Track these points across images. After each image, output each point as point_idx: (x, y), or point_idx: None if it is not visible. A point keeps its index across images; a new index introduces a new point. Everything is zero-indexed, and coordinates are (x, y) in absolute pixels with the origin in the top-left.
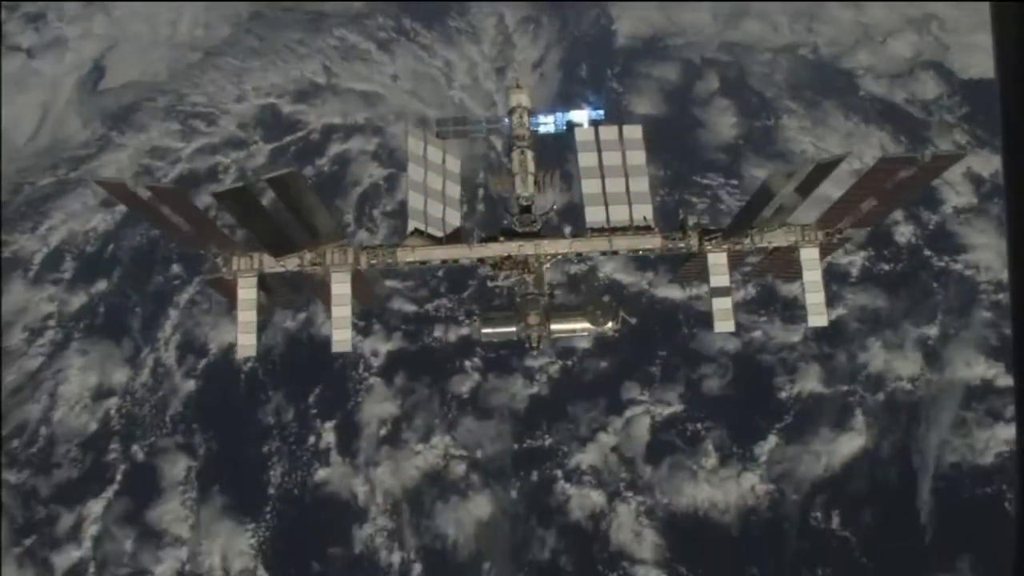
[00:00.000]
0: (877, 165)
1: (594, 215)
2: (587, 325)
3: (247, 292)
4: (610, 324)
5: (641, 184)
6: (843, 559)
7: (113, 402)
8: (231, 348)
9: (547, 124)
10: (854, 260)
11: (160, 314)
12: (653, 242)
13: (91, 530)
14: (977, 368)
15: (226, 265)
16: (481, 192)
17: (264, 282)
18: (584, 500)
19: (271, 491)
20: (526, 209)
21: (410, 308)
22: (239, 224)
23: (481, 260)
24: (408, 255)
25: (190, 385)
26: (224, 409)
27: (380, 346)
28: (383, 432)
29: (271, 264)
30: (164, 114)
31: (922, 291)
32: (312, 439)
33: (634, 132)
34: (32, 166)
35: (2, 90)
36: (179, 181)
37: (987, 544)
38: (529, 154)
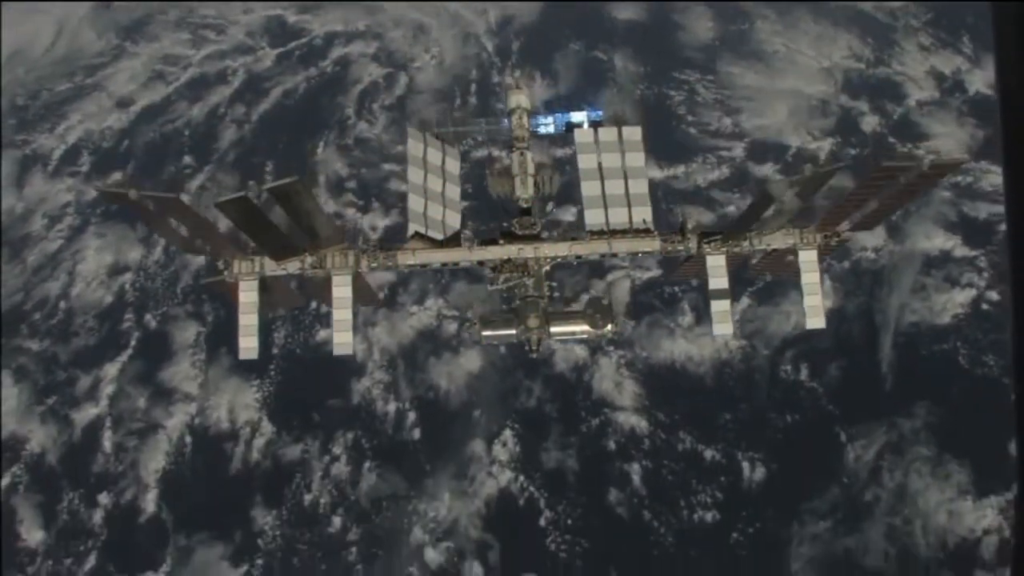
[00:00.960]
0: (876, 171)
1: (593, 218)
2: (586, 328)
3: (248, 295)
4: (608, 327)
5: (640, 186)
6: (810, 406)
7: (127, 277)
8: None
9: (547, 125)
10: (822, 145)
11: None
12: (652, 245)
13: (107, 390)
14: (936, 240)
15: (227, 268)
16: None
17: (265, 283)
18: (568, 354)
19: (275, 351)
20: (526, 211)
21: (406, 188)
22: (240, 231)
23: (481, 263)
24: (408, 258)
25: (200, 260)
26: None
27: (378, 221)
28: (380, 296)
29: (272, 267)
30: (175, 26)
31: None
32: (314, 304)
33: (633, 134)
34: (50, 74)
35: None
36: (190, 84)
37: (942, 393)
38: (528, 155)
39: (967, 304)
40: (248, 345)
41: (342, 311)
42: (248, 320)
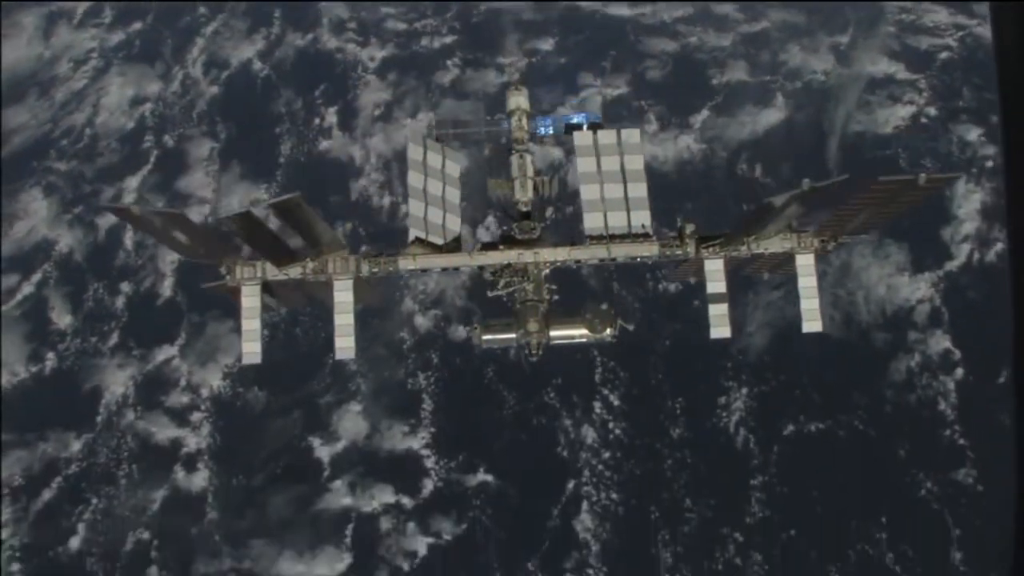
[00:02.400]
0: (874, 185)
1: (592, 222)
2: (585, 332)
3: (251, 300)
4: (608, 331)
5: (639, 190)
6: (763, 197)
7: (147, 107)
8: (250, 62)
9: (546, 127)
10: None
11: (189, 43)
12: (651, 249)
13: (129, 198)
14: (881, 65)
15: (229, 273)
16: None
17: (267, 285)
18: (545, 153)
19: (281, 160)
20: (525, 215)
21: (402, 26)
22: (244, 243)
23: (481, 268)
24: (409, 263)
25: (214, 90)
26: (242, 105)
27: (376, 53)
28: (377, 113)
29: (274, 272)
30: None
31: (835, 9)
32: (317, 121)
33: (632, 136)
34: None
35: None
36: None
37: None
38: (528, 158)
39: (907, 118)
40: (251, 350)
41: (343, 315)
42: (251, 325)
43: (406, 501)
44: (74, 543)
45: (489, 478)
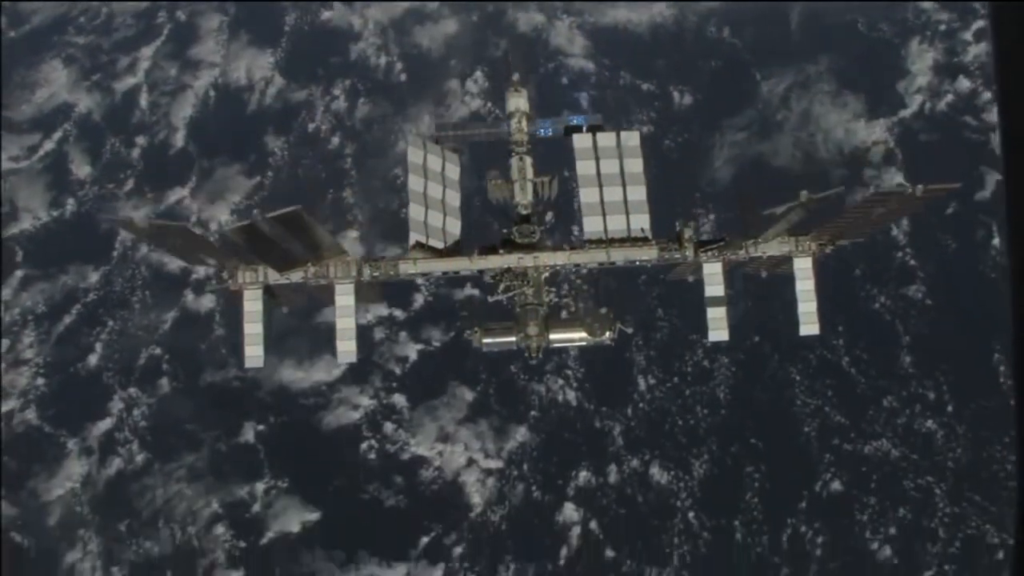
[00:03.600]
0: (873, 195)
1: (592, 225)
2: (584, 335)
3: (253, 304)
4: (607, 334)
5: (638, 193)
6: (729, 55)
7: None
8: None
9: (546, 128)
10: None
11: None
12: (650, 253)
13: (144, 65)
14: None
15: (232, 277)
16: None
17: (269, 288)
18: (529, 18)
19: (286, 28)
20: (525, 218)
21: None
22: (247, 252)
23: (481, 271)
24: (410, 267)
25: None
26: None
27: None
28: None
29: (275, 277)
30: None
31: None
32: None
33: (631, 139)
34: None
35: None
36: None
37: (842, 48)
38: (528, 160)
39: None
40: (253, 353)
41: (345, 319)
42: (252, 329)
43: (398, 314)
44: (92, 359)
45: (476, 292)
